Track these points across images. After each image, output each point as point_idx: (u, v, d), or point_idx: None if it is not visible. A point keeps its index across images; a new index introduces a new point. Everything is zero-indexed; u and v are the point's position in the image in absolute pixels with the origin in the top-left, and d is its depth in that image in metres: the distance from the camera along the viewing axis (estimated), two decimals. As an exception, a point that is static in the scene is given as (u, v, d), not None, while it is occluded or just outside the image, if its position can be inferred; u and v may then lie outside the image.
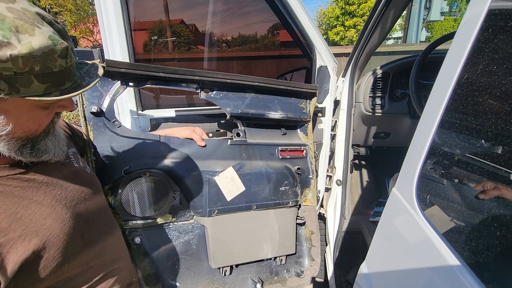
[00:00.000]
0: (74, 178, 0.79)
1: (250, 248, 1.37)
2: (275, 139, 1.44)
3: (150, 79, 1.12)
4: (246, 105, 1.30)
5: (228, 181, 1.27)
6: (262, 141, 1.38)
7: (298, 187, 1.44)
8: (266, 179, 1.34)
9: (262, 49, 2.34)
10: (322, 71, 1.54)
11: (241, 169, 1.30)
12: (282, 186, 1.38)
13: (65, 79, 0.60)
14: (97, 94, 1.07)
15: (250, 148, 1.34)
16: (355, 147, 2.20)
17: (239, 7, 1.98)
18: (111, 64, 1.02)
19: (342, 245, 1.78)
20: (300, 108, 1.43)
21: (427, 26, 12.19)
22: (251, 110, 1.31)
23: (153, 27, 1.95)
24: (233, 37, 2.22)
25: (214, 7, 1.83)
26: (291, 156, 1.44)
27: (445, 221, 0.71)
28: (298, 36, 1.47)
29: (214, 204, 1.25)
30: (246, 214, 1.33)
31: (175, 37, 2.12)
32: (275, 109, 1.37)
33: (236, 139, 1.31)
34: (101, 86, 1.07)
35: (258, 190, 1.33)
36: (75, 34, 12.70)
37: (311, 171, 1.50)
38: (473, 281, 0.55)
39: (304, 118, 1.45)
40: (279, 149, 1.41)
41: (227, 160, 1.28)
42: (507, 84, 0.55)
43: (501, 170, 0.57)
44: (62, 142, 0.75)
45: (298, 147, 1.47)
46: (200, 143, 1.22)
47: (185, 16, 2.11)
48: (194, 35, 2.18)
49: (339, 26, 19.15)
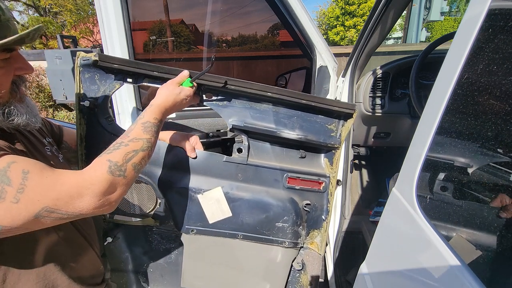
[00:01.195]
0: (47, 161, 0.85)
1: (226, 279, 1.23)
2: (287, 162, 1.18)
3: (146, 77, 1.05)
4: (254, 118, 1.09)
5: (213, 202, 1.12)
6: (266, 163, 1.15)
7: (302, 227, 1.21)
8: (261, 209, 1.14)
9: (262, 49, 2.34)
10: (322, 71, 1.54)
11: (232, 191, 1.12)
12: (279, 222, 1.16)
13: (6, 32, 0.67)
14: (94, 88, 1.04)
15: (249, 168, 1.14)
16: (355, 147, 2.20)
17: (239, 7, 1.98)
18: (104, 59, 0.98)
19: (342, 245, 1.77)
20: (327, 130, 1.13)
21: (427, 26, 12.18)
22: (259, 125, 1.09)
23: (153, 27, 1.95)
24: (233, 37, 2.22)
25: (213, 7, 1.83)
26: (302, 187, 1.18)
27: (445, 221, 0.71)
28: (298, 36, 1.47)
29: (193, 223, 1.14)
30: (230, 241, 1.17)
31: (175, 37, 2.12)
32: (292, 128, 1.11)
33: (234, 157, 1.12)
34: (99, 80, 1.03)
35: (248, 219, 1.15)
36: (75, 34, 12.69)
37: (325, 211, 1.23)
38: (473, 281, 0.55)
39: (330, 144, 1.14)
40: (287, 176, 1.16)
41: (218, 178, 1.12)
42: (507, 84, 0.55)
43: (501, 170, 0.57)
44: (35, 109, 0.83)
45: (316, 177, 1.19)
46: (190, 154, 1.10)
47: (185, 16, 2.12)
48: (194, 35, 2.18)
49: (339, 26, 19.14)
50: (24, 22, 13.96)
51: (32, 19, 13.56)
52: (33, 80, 6.59)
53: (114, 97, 1.31)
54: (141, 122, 0.85)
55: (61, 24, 14.12)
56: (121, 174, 0.74)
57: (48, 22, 13.13)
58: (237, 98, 1.08)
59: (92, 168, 0.72)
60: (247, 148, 1.12)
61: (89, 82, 1.02)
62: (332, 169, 1.20)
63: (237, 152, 1.12)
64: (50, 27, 13.12)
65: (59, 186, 0.66)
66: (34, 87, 6.69)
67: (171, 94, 0.93)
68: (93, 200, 0.69)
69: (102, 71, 1.02)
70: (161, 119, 0.90)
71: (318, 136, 1.13)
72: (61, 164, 0.95)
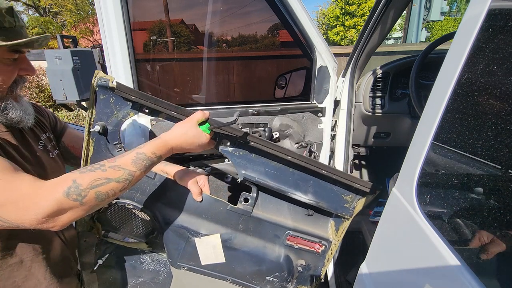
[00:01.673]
0: (34, 158, 0.91)
1: None
2: (292, 219, 1.16)
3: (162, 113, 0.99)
4: (268, 175, 1.05)
5: (209, 247, 1.12)
6: (270, 218, 1.13)
7: (291, 283, 1.21)
8: (255, 262, 1.13)
9: (262, 49, 2.35)
10: (322, 71, 1.54)
11: (230, 241, 1.11)
12: (270, 276, 1.16)
13: (16, 37, 0.74)
14: (107, 111, 0.99)
15: (252, 220, 1.11)
16: (355, 147, 2.21)
17: (239, 7, 1.98)
18: (122, 90, 0.94)
19: (342, 245, 1.77)
20: (342, 200, 1.09)
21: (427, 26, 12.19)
22: (271, 182, 1.06)
23: (153, 27, 1.95)
24: (233, 37, 2.22)
25: (214, 7, 1.83)
26: (301, 247, 1.16)
27: (445, 221, 0.71)
28: (298, 36, 1.47)
29: (186, 261, 1.14)
30: (218, 282, 1.18)
31: (175, 37, 2.12)
32: (305, 191, 1.08)
33: (239, 207, 1.09)
34: (114, 104, 0.98)
35: (241, 268, 1.14)
36: (75, 34, 12.69)
37: (319, 271, 1.21)
38: (473, 281, 0.55)
39: (341, 214, 1.11)
40: (289, 233, 1.14)
41: (218, 225, 1.11)
42: (507, 84, 0.55)
43: (501, 170, 0.57)
44: (29, 109, 0.90)
45: (318, 239, 1.16)
46: (197, 198, 1.07)
47: (185, 16, 2.12)
48: (194, 35, 2.18)
49: (339, 26, 19.15)
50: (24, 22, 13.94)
51: (32, 19, 13.56)
52: (33, 80, 6.59)
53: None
54: (137, 152, 0.81)
55: (61, 24, 14.12)
56: (77, 199, 0.69)
57: (48, 22, 13.13)
58: (254, 152, 1.03)
59: (53, 183, 0.69)
60: (254, 199, 1.09)
61: (103, 104, 0.98)
62: (336, 235, 1.17)
63: (243, 202, 1.09)
64: (50, 27, 13.12)
65: (9, 192, 0.65)
66: (34, 87, 6.69)
67: (185, 134, 0.88)
68: (37, 218, 0.65)
69: (119, 96, 0.97)
70: (161, 155, 0.84)
71: (330, 204, 1.09)
72: (50, 160, 0.97)
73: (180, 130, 0.88)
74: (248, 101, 1.60)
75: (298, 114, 1.58)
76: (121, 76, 1.26)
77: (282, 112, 1.55)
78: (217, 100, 2.20)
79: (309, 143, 1.62)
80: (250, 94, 2.42)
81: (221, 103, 1.56)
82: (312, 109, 1.61)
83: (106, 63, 1.24)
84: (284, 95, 1.86)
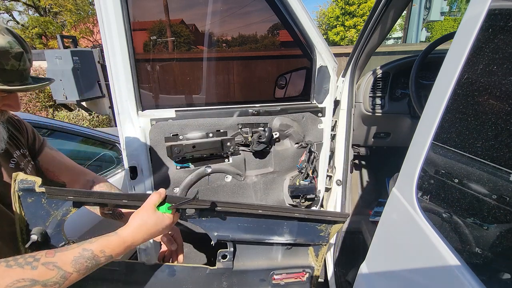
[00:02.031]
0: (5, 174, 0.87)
1: None
2: (273, 259, 1.17)
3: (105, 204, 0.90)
4: (242, 229, 1.04)
5: None
6: (253, 266, 1.12)
7: None
8: None
9: (262, 49, 2.35)
10: (322, 71, 1.54)
11: None
12: None
13: (15, 79, 0.73)
14: (42, 214, 0.83)
15: (235, 275, 1.09)
16: (355, 147, 2.21)
17: (239, 7, 1.98)
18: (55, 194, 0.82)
19: (342, 245, 1.78)
20: (317, 230, 1.13)
21: (427, 26, 12.19)
22: (246, 236, 1.05)
23: (153, 27, 1.95)
24: (233, 37, 2.22)
25: (214, 7, 1.83)
26: (287, 282, 1.18)
27: (445, 221, 0.71)
28: (298, 36, 1.47)
29: None
30: None
31: (175, 37, 2.12)
32: (281, 234, 1.10)
33: (219, 266, 1.06)
34: (48, 204, 0.83)
35: None
36: (75, 34, 12.68)
37: None
38: (473, 281, 0.55)
39: (318, 243, 1.16)
40: (273, 274, 1.14)
41: None
42: (507, 84, 0.55)
43: (501, 170, 0.57)
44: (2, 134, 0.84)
45: (301, 269, 1.19)
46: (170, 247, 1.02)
47: (185, 16, 2.12)
48: (194, 35, 2.19)
49: (339, 26, 19.15)
50: (24, 22, 13.96)
51: (32, 19, 13.57)
52: (33, 80, 6.58)
53: (114, 97, 1.30)
54: (83, 247, 0.70)
55: (61, 24, 14.12)
56: None
57: (48, 22, 13.13)
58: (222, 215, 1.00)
59: None
60: (232, 254, 1.07)
61: (34, 208, 0.82)
62: (317, 261, 1.20)
63: (222, 259, 1.06)
64: (50, 27, 13.12)
65: None
66: (34, 87, 6.66)
67: (144, 225, 0.79)
68: None
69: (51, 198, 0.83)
70: (111, 255, 0.73)
71: (307, 238, 1.13)
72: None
73: (137, 222, 0.79)
74: (248, 101, 1.60)
75: (298, 114, 1.58)
76: (121, 76, 1.26)
77: (282, 112, 1.55)
78: (217, 100, 2.20)
79: (309, 143, 1.62)
80: (250, 94, 2.42)
81: (221, 103, 1.55)
82: (312, 109, 1.61)
83: (106, 63, 1.24)
84: (284, 95, 1.86)
